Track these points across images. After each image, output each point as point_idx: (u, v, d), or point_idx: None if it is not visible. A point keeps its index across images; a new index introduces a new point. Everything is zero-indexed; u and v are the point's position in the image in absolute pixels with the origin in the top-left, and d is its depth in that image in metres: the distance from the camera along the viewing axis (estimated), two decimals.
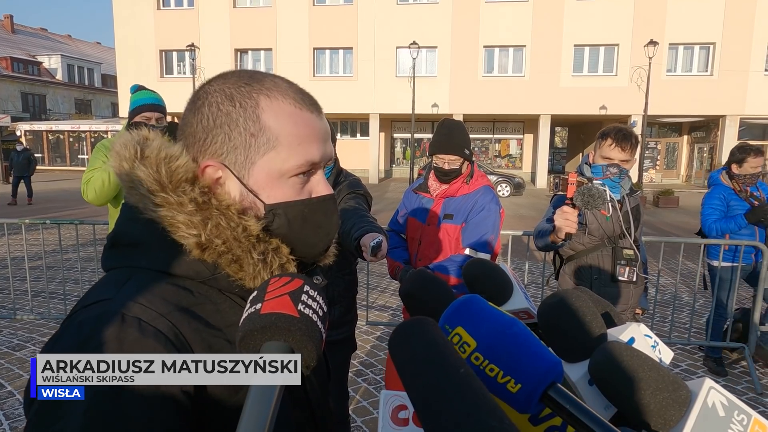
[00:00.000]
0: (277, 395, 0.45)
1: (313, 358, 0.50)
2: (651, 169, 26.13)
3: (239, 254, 0.67)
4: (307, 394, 0.76)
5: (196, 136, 0.70)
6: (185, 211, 0.65)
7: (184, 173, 0.67)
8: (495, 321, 0.48)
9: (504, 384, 0.45)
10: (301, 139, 0.69)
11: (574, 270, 2.51)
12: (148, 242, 0.67)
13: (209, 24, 23.78)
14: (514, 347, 0.45)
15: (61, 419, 0.52)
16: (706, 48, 21.87)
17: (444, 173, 2.45)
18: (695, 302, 4.57)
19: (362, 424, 3.14)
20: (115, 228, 0.71)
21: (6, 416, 3.14)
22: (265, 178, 0.69)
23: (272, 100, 0.69)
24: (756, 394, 3.70)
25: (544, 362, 0.45)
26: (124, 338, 0.57)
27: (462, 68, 22.72)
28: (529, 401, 0.44)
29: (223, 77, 0.72)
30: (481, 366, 0.46)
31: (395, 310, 5.44)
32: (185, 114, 0.72)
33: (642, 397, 0.48)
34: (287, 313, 0.50)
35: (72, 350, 0.56)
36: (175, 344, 0.59)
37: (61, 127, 29.77)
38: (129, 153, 0.67)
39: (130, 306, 0.60)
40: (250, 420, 0.42)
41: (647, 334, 0.67)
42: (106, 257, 0.71)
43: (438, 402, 0.40)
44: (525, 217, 13.37)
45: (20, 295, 5.61)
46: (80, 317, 0.60)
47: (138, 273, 0.66)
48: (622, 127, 2.42)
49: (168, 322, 0.60)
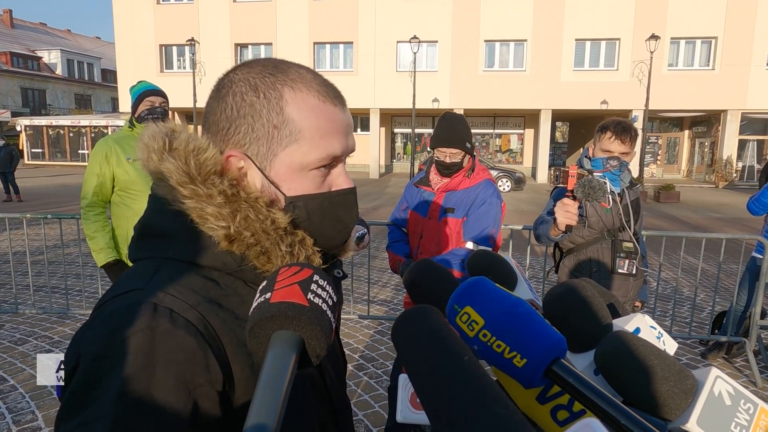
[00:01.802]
0: (289, 378, 0.45)
1: (323, 348, 0.50)
2: (652, 164, 26.11)
3: (268, 246, 0.67)
4: (327, 387, 0.76)
5: (219, 125, 0.70)
6: (214, 203, 0.65)
7: (213, 165, 0.67)
8: (502, 300, 0.49)
9: (510, 359, 0.46)
10: (323, 133, 0.69)
11: (573, 263, 2.51)
12: (177, 233, 0.67)
13: (209, 18, 23.71)
14: (520, 325, 0.47)
15: (93, 405, 0.53)
16: (707, 42, 21.80)
17: (445, 167, 2.45)
18: (696, 296, 4.58)
19: (363, 418, 3.15)
20: (142, 219, 0.71)
21: (9, 410, 3.15)
22: (286, 170, 0.69)
23: (296, 92, 0.68)
24: (757, 387, 3.72)
25: (548, 339, 0.46)
26: (156, 328, 0.57)
27: (463, 63, 22.66)
28: (534, 375, 0.45)
29: (248, 65, 0.71)
30: (489, 342, 0.47)
31: (396, 305, 5.45)
32: (209, 102, 0.72)
33: (648, 386, 0.48)
34: (297, 302, 0.50)
35: (103, 338, 0.57)
36: (205, 335, 0.59)
37: (61, 122, 29.70)
38: (157, 145, 0.67)
39: (160, 297, 0.60)
40: (263, 402, 0.42)
41: (652, 325, 0.67)
42: (134, 248, 0.71)
43: (442, 389, 0.40)
44: (526, 212, 13.37)
45: (22, 289, 5.62)
46: (111, 306, 0.60)
47: (166, 264, 0.66)
48: (622, 120, 2.42)
49: (198, 314, 0.60)
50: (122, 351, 0.55)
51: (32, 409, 3.16)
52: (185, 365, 0.57)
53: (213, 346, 0.60)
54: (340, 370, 0.85)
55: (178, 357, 0.56)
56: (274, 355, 0.47)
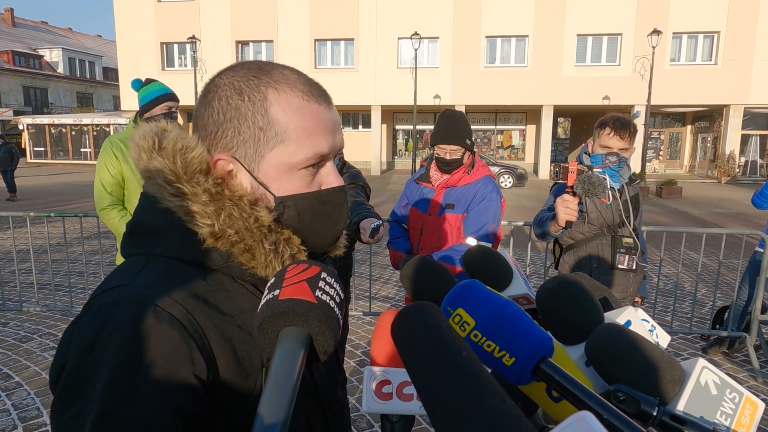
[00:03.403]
0: (298, 374, 0.46)
1: (330, 344, 0.51)
2: (654, 160, 26.04)
3: (251, 244, 0.68)
4: (315, 383, 0.77)
5: (207, 130, 0.71)
6: (199, 201, 0.66)
7: (199, 164, 0.68)
8: (492, 302, 0.51)
9: (500, 358, 0.48)
10: (309, 132, 0.70)
11: (574, 259, 2.52)
12: (165, 230, 0.69)
13: (210, 16, 23.68)
14: (509, 325, 0.49)
15: (83, 398, 0.56)
16: (710, 37, 21.69)
17: (445, 163, 2.46)
18: (697, 292, 4.58)
19: (365, 413, 3.18)
20: (133, 217, 0.73)
21: (15, 406, 3.18)
22: (274, 171, 0.70)
23: (280, 93, 0.69)
24: (757, 382, 3.72)
25: (535, 338, 0.48)
26: (139, 322, 0.59)
27: (464, 59, 22.60)
28: (522, 373, 0.47)
29: (232, 69, 0.73)
30: (480, 342, 0.49)
31: (397, 301, 5.47)
32: (197, 107, 0.74)
33: (636, 377, 0.50)
34: (305, 299, 0.51)
35: (91, 333, 0.59)
36: (189, 329, 0.61)
37: (64, 120, 29.73)
38: (147, 144, 0.69)
39: (146, 292, 0.62)
40: (273, 399, 0.43)
41: (644, 318, 0.68)
42: (125, 245, 0.73)
43: (441, 384, 0.41)
44: (527, 208, 13.36)
45: (26, 287, 5.66)
46: (99, 302, 0.62)
47: (154, 260, 0.67)
48: (620, 116, 2.42)
49: (182, 308, 0.62)
50: (108, 345, 0.57)
51: (37, 406, 3.19)
52: (170, 358, 0.58)
53: (197, 340, 0.61)
54: (332, 367, 0.85)
55: (162, 350, 0.58)
56: (283, 352, 0.48)
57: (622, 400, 0.48)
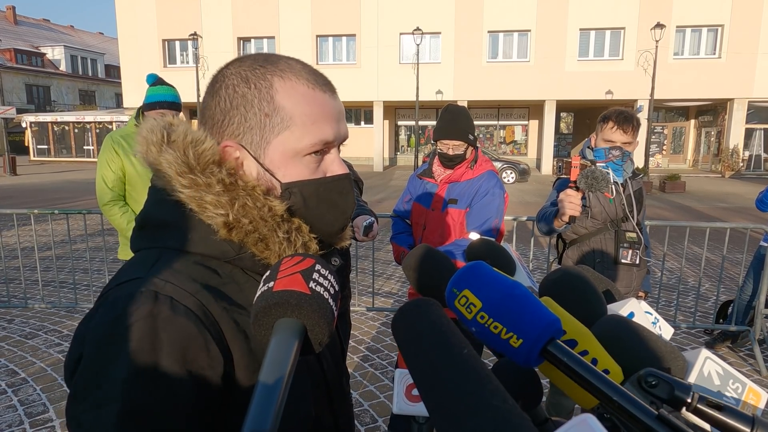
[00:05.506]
0: (292, 363, 0.47)
1: (324, 335, 0.52)
2: (657, 154, 25.93)
3: (265, 233, 0.69)
4: (324, 373, 0.78)
5: (214, 118, 0.72)
6: (213, 192, 0.67)
7: (211, 156, 0.69)
8: (499, 283, 0.50)
9: (507, 340, 0.47)
10: (314, 119, 0.71)
11: (577, 254, 2.52)
12: (176, 223, 0.69)
13: (211, 13, 23.65)
14: (516, 306, 0.48)
15: (101, 388, 0.57)
16: (714, 30, 21.55)
17: (448, 158, 2.46)
18: (700, 286, 4.58)
19: (369, 408, 3.19)
20: (143, 210, 0.74)
21: (21, 402, 3.20)
22: (280, 157, 0.71)
23: (286, 81, 0.71)
24: (761, 376, 3.72)
25: (543, 319, 0.47)
26: (157, 315, 0.59)
27: (466, 54, 22.52)
28: (529, 355, 0.46)
29: (239, 60, 0.74)
30: (486, 324, 0.48)
31: (401, 297, 5.47)
32: (205, 98, 0.75)
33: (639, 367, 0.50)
34: (299, 290, 0.51)
35: (107, 325, 0.59)
36: (204, 321, 0.62)
37: (66, 118, 29.76)
38: (156, 137, 0.70)
39: (161, 285, 0.62)
40: (266, 388, 0.44)
41: (648, 310, 0.68)
42: (135, 238, 0.73)
43: (441, 381, 0.41)
44: (530, 204, 13.34)
45: (31, 284, 5.69)
46: (114, 295, 0.63)
47: (166, 253, 0.68)
48: (623, 110, 2.41)
49: (197, 301, 0.63)
50: (126, 337, 0.57)
51: (43, 402, 3.22)
52: (187, 349, 0.59)
53: (212, 331, 0.62)
54: (339, 358, 0.86)
55: (179, 342, 0.59)
56: (277, 342, 0.48)
57: (653, 385, 0.47)
